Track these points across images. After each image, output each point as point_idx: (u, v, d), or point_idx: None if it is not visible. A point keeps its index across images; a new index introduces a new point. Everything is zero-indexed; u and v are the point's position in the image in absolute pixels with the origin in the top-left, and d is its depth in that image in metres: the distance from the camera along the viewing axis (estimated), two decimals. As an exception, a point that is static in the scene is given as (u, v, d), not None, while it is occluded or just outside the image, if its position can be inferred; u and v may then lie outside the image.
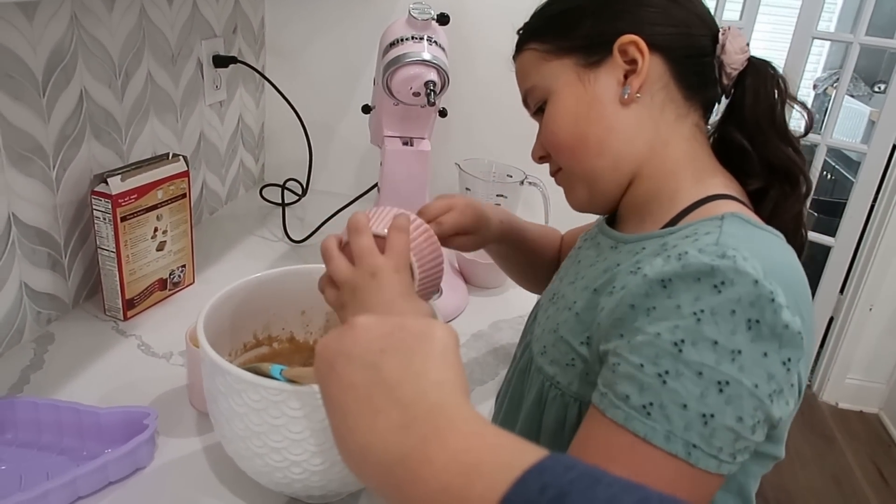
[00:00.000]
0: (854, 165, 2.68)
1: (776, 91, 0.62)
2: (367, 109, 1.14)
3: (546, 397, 0.63)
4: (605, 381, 0.53)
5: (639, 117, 0.61)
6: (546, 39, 0.64)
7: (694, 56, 0.62)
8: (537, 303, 0.76)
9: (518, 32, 0.69)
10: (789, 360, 0.49)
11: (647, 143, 0.61)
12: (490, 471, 0.31)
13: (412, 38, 0.98)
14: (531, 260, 0.89)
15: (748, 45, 0.62)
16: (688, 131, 0.62)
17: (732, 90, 0.64)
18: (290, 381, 0.56)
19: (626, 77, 0.61)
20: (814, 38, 2.20)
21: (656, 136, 0.61)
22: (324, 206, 1.28)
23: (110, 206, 0.88)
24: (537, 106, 0.67)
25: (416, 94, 0.99)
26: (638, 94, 0.60)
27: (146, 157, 1.02)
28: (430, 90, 0.97)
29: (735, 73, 0.62)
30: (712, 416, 0.48)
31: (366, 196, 1.26)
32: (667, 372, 0.49)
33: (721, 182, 0.61)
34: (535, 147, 0.70)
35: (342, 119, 1.46)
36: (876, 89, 3.48)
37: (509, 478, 0.30)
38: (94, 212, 0.89)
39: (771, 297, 0.48)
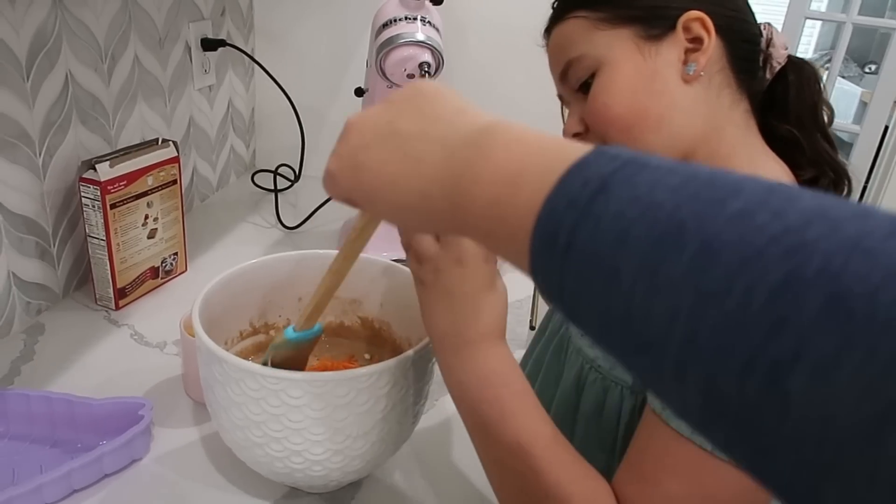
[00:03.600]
0: (846, 146, 2.68)
1: (817, 91, 0.61)
2: (360, 92, 1.12)
3: (585, 380, 0.63)
4: None
5: (698, 97, 0.59)
6: (599, 7, 0.59)
7: (748, 42, 0.60)
8: None
9: (554, 4, 0.64)
10: None
11: (705, 124, 0.59)
12: (534, 176, 0.29)
13: (405, 18, 0.96)
14: None
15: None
16: (740, 118, 0.60)
17: (772, 84, 0.62)
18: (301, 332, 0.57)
19: (686, 54, 0.58)
20: (806, 17, 2.18)
21: (713, 119, 0.59)
22: (317, 192, 1.25)
23: (99, 193, 0.86)
24: (581, 80, 0.61)
25: (411, 76, 0.98)
26: (701, 73, 0.58)
27: (135, 142, 1.00)
28: (425, 71, 0.96)
29: (778, 67, 0.61)
30: None
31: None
32: None
33: (776, 168, 0.59)
34: (571, 123, 0.64)
35: (334, 102, 1.44)
36: (867, 70, 3.47)
37: (552, 178, 0.28)
38: (83, 199, 0.87)
39: None
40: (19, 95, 0.82)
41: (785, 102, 0.61)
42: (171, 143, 0.97)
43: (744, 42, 0.60)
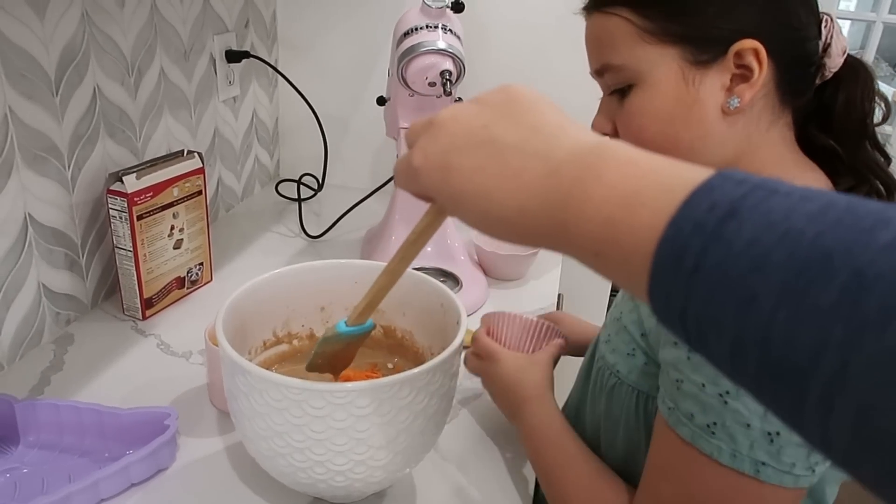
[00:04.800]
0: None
1: (870, 98, 0.58)
2: (382, 101, 1.12)
3: (606, 385, 0.66)
4: (671, 394, 0.53)
5: (735, 127, 0.56)
6: (650, 15, 0.55)
7: (802, 63, 0.58)
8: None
9: None
10: None
11: (736, 149, 0.57)
12: (652, 196, 0.29)
13: (426, 26, 0.96)
14: None
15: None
16: (777, 135, 0.58)
17: (820, 88, 0.60)
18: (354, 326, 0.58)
19: (731, 82, 0.55)
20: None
21: (747, 143, 0.57)
22: (340, 201, 1.26)
23: (126, 205, 0.87)
24: (618, 87, 0.59)
25: (432, 84, 0.98)
26: (743, 108, 0.55)
27: (161, 154, 1.01)
28: (446, 79, 0.96)
29: (831, 74, 0.59)
30: (777, 433, 0.48)
31: (382, 190, 1.24)
32: (727, 392, 0.49)
33: (811, 181, 0.57)
34: (600, 121, 0.62)
35: (357, 112, 1.44)
36: (898, 69, 3.39)
37: (674, 200, 0.28)
38: (111, 211, 0.89)
39: None
40: (49, 110, 0.83)
41: (830, 113, 0.58)
42: (196, 154, 0.98)
43: (798, 65, 0.57)
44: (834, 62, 0.58)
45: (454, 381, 0.63)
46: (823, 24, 0.58)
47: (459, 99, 1.09)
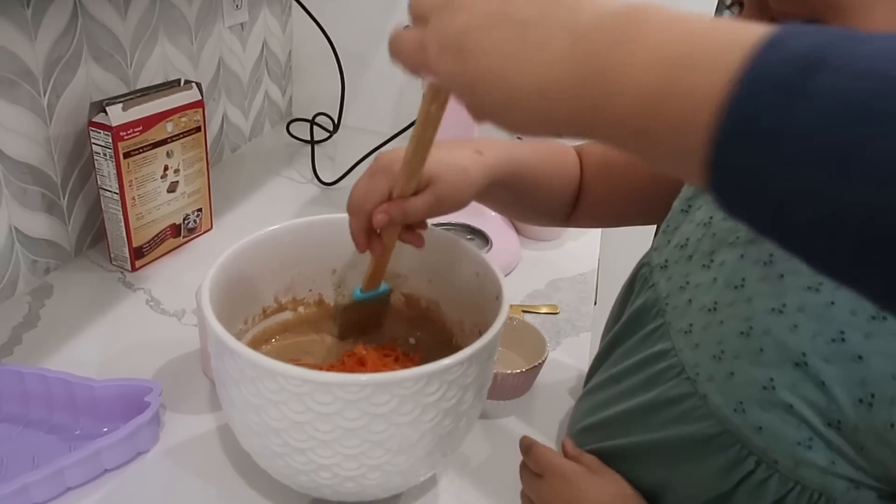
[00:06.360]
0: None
1: None
2: (407, 32, 0.99)
3: (728, 454, 0.44)
4: None
5: None
6: None
7: None
8: (645, 264, 0.59)
9: None
10: None
11: None
12: (708, 58, 0.25)
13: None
14: (536, 199, 0.66)
15: None
16: None
17: None
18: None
19: None
20: None
21: None
22: (357, 145, 1.14)
23: (110, 140, 0.75)
24: (789, 20, 0.39)
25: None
26: None
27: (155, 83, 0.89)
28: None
29: None
30: None
31: (404, 135, 1.11)
32: None
33: None
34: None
35: (379, 47, 1.30)
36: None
37: (736, 58, 0.24)
38: (93, 146, 0.77)
39: None
40: (19, 25, 0.71)
41: None
42: (194, 84, 0.85)
43: None
44: None
45: (491, 370, 0.51)
46: None
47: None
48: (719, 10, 1.20)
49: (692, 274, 0.52)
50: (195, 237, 0.92)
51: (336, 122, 1.26)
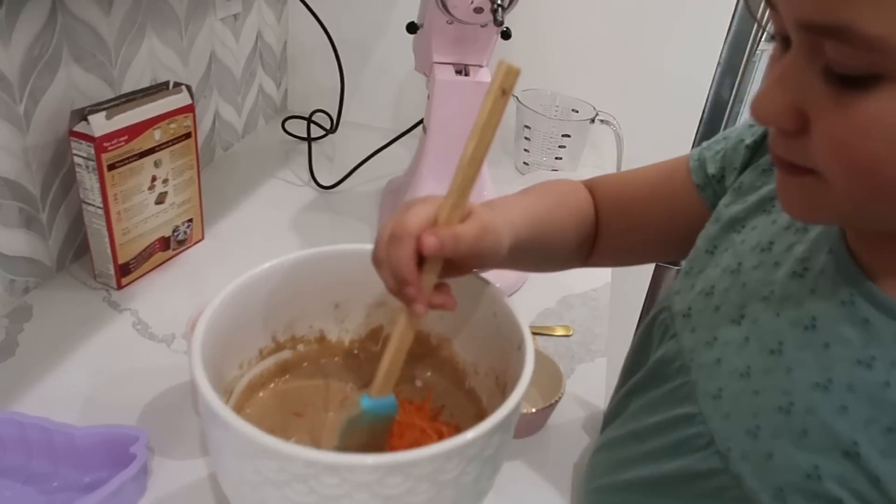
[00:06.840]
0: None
1: None
2: (412, 28, 0.92)
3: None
4: None
5: None
6: None
7: None
8: (665, 308, 0.54)
9: None
10: None
11: None
12: None
13: (476, -63, 0.76)
14: (552, 251, 0.61)
15: None
16: None
17: None
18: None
19: None
20: None
21: None
22: (357, 144, 1.09)
23: (93, 152, 0.69)
24: (847, 70, 0.32)
25: (479, 11, 0.78)
26: None
27: (144, 84, 0.83)
28: (498, 5, 0.76)
29: None
30: None
31: (409, 134, 1.05)
32: None
33: None
34: (776, 96, 0.36)
35: (380, 40, 1.24)
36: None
37: None
38: (75, 158, 0.71)
39: None
40: (-9, 25, 0.64)
41: None
42: (183, 87, 0.79)
43: None
44: None
45: (511, 434, 0.47)
46: None
47: (508, 30, 0.89)
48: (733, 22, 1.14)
49: (720, 329, 0.47)
50: (185, 249, 0.87)
51: (335, 119, 1.20)
